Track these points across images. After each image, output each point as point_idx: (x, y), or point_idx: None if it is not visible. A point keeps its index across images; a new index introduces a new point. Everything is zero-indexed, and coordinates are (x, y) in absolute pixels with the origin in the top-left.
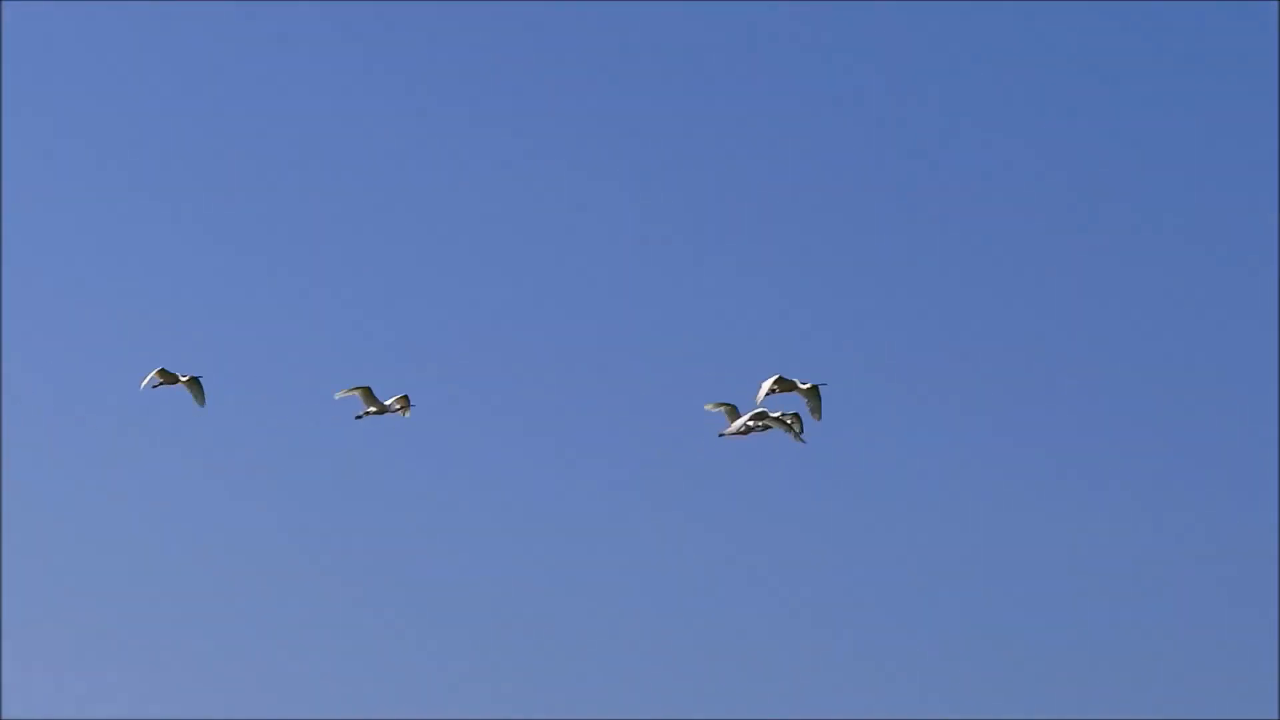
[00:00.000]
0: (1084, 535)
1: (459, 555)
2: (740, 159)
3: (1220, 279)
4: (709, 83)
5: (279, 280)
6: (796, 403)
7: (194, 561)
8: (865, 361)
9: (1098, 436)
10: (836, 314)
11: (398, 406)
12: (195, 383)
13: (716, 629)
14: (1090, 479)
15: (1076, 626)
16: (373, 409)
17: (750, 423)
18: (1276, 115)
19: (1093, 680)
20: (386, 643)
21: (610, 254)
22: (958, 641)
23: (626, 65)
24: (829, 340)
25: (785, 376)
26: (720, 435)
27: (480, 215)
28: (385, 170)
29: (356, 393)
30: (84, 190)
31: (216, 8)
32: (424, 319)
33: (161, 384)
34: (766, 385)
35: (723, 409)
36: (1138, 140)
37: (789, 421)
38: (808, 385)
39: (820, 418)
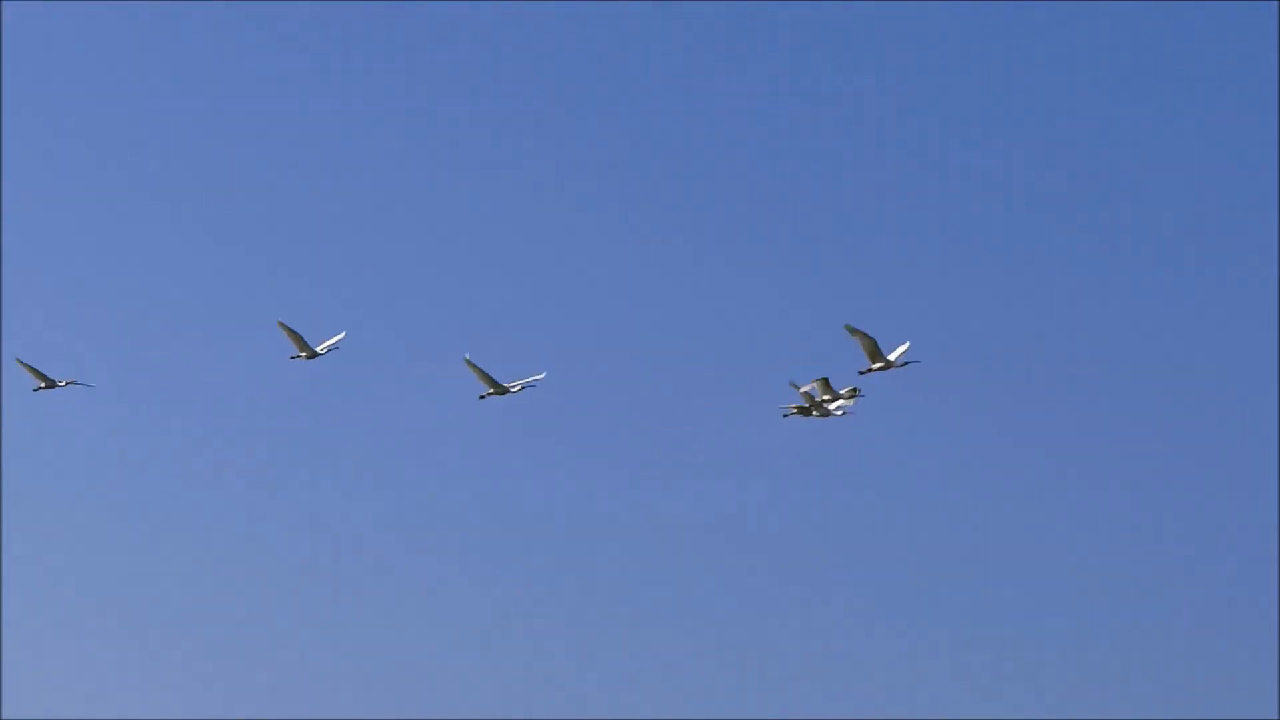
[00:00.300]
0: (1084, 535)
1: (459, 554)
2: (740, 159)
3: (1220, 279)
4: (709, 84)
5: (279, 280)
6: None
7: (194, 562)
8: (863, 361)
9: (1098, 437)
10: (835, 314)
11: (517, 388)
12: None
13: (715, 628)
14: (1090, 479)
15: (1076, 626)
16: (493, 390)
17: (819, 398)
18: (1276, 115)
19: (1093, 680)
20: (387, 643)
21: (609, 254)
22: (958, 641)
23: (629, 67)
24: (828, 340)
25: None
26: (784, 415)
27: (479, 215)
28: (385, 170)
29: (484, 382)
30: (84, 190)
31: (216, 8)
32: (423, 318)
33: (43, 387)
34: (870, 364)
35: (815, 385)
36: (1138, 140)
37: (845, 394)
38: (901, 362)
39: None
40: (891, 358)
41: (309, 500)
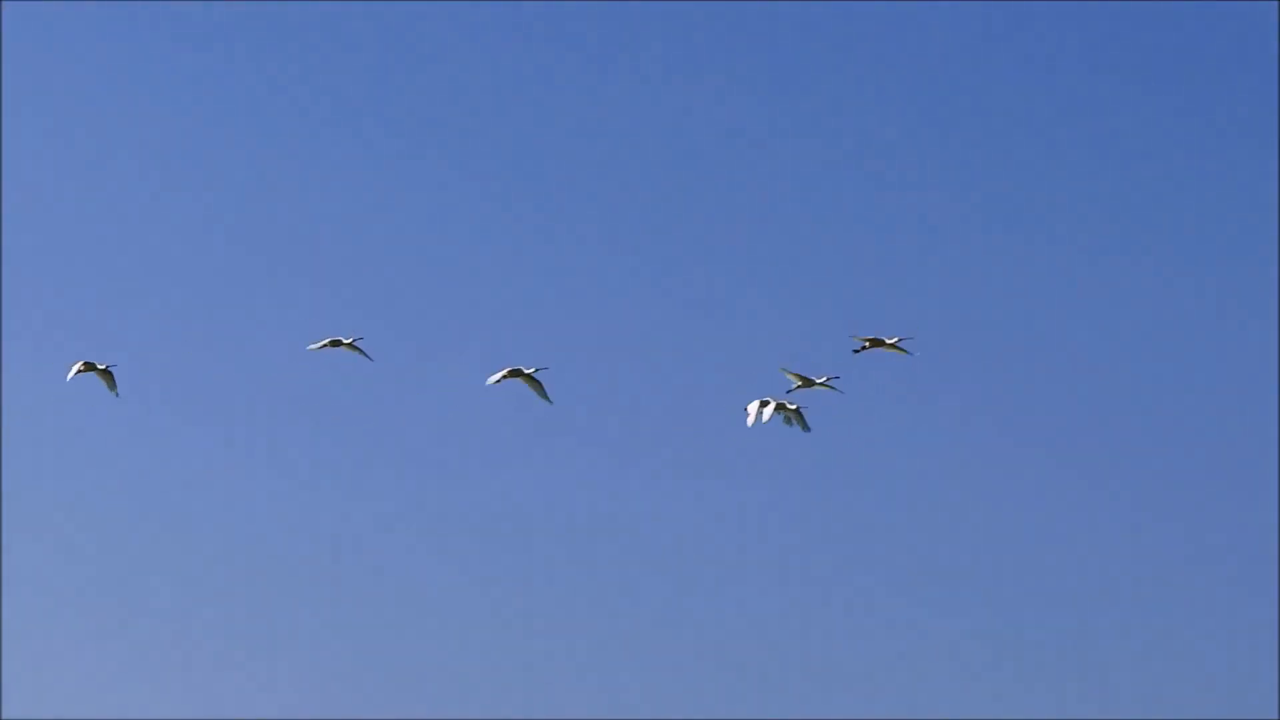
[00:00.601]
0: (1084, 535)
1: (459, 554)
2: (738, 158)
3: (1220, 280)
4: (711, 81)
5: (279, 280)
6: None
7: (195, 562)
8: (864, 361)
9: (1098, 436)
10: (835, 313)
11: (531, 371)
12: (109, 373)
13: (715, 628)
14: (1091, 478)
15: (1076, 626)
16: (509, 375)
17: (782, 403)
18: (1276, 115)
19: (1093, 680)
20: (387, 643)
21: (610, 253)
22: (958, 641)
23: (629, 65)
24: (829, 339)
25: (879, 337)
26: (749, 424)
27: (480, 213)
28: (385, 170)
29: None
30: (84, 190)
31: (216, 8)
32: (424, 318)
33: (83, 371)
34: (862, 342)
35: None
36: (1138, 141)
37: (797, 408)
38: (894, 340)
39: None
40: (884, 338)
41: (309, 500)
